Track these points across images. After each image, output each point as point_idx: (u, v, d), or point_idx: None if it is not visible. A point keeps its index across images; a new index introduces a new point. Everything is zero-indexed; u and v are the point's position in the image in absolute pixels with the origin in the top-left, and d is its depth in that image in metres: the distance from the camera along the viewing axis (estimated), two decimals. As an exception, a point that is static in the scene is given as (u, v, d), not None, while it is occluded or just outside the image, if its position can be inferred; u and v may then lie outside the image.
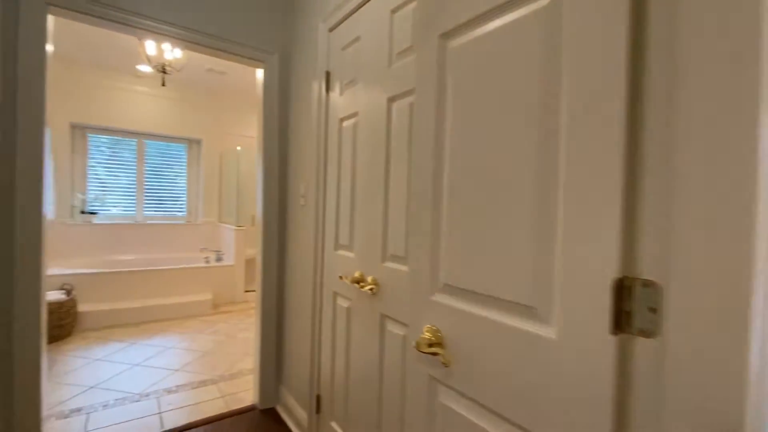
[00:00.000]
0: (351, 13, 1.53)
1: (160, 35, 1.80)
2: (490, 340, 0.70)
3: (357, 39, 1.49)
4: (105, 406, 2.12)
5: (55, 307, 3.03)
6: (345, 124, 1.58)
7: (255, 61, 2.08)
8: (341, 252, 1.58)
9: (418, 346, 0.77)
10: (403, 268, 1.20)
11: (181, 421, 2.00)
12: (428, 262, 0.83)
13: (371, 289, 1.32)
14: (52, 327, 3.02)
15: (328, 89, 1.72)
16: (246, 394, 2.32)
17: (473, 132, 0.75)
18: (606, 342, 0.55)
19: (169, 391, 2.32)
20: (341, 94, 1.61)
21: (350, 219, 1.52)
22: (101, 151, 4.39)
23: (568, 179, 0.59)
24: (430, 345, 0.78)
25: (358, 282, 1.40)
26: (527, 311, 0.65)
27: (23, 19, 1.45)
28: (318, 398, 1.74)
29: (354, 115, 1.51)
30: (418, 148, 0.88)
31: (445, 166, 0.81)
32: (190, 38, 1.86)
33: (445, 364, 0.75)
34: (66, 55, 3.78)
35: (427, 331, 0.81)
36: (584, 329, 0.57)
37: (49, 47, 1.56)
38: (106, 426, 1.93)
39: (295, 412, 1.97)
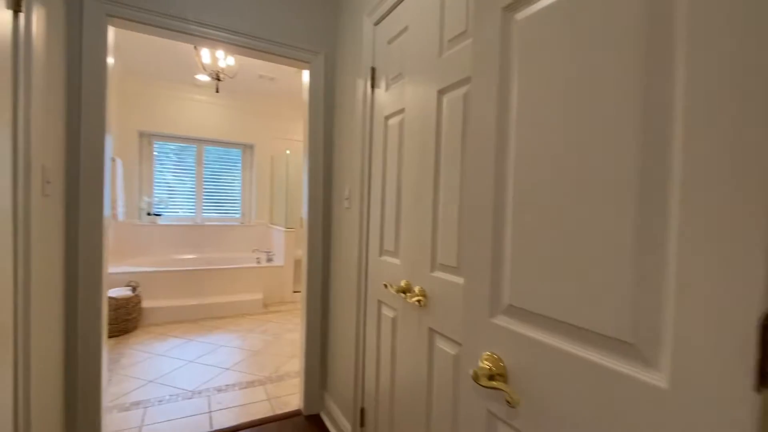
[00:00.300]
0: (398, 2, 1.43)
1: (211, 40, 1.83)
2: (570, 380, 0.56)
3: (404, 30, 1.39)
4: (160, 401, 2.20)
5: (123, 303, 3.26)
6: (390, 121, 1.49)
7: (300, 62, 2.06)
8: (386, 258, 1.49)
9: (476, 378, 0.64)
10: (455, 279, 1.07)
11: (229, 422, 2.02)
12: (488, 277, 0.70)
13: (419, 301, 1.20)
14: (120, 321, 3.25)
15: (373, 86, 1.63)
16: (291, 398, 2.30)
17: (548, 121, 0.61)
18: (746, 401, 0.40)
19: (219, 390, 2.37)
20: (387, 89, 1.52)
21: (395, 223, 1.42)
22: (169, 157, 4.72)
23: (686, 173, 0.44)
24: (491, 378, 0.65)
25: (404, 292, 1.29)
26: (624, 348, 0.50)
27: (86, 29, 1.52)
28: (362, 411, 1.66)
29: (400, 111, 1.41)
30: (474, 142, 0.75)
31: (509, 163, 0.68)
32: (238, 41, 1.87)
33: (511, 404, 0.62)
34: (133, 69, 4.08)
35: (487, 360, 0.68)
36: (711, 380, 0.42)
37: (110, 59, 1.63)
38: (161, 422, 2.00)
39: (339, 421, 1.91)
